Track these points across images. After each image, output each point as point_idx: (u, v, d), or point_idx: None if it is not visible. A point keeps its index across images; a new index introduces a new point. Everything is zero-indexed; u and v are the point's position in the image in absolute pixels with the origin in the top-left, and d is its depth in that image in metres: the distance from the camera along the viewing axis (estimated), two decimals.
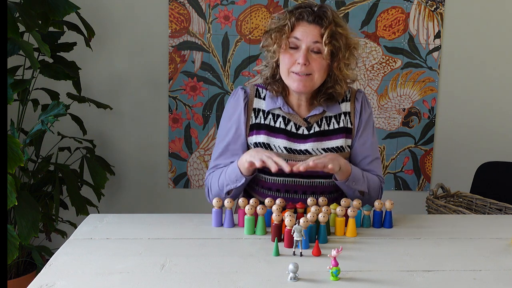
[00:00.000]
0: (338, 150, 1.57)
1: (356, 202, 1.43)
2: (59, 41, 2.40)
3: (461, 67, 2.85)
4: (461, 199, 2.32)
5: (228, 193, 1.55)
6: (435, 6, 2.77)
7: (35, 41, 2.05)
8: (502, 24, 2.84)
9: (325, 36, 1.46)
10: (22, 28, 2.31)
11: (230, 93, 2.74)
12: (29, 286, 1.05)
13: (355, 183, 1.52)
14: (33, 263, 2.36)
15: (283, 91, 1.58)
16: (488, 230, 1.47)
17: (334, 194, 1.62)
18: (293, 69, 1.49)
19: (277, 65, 1.55)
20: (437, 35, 2.79)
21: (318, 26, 1.47)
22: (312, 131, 1.57)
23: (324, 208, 1.35)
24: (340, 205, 1.40)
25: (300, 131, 1.57)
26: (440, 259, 1.23)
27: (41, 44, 2.01)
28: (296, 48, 1.49)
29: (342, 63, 1.52)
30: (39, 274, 1.11)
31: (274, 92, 1.58)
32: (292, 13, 1.49)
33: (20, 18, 2.05)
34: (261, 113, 1.60)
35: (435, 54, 2.80)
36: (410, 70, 2.81)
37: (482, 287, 1.09)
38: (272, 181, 1.58)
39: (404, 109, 2.84)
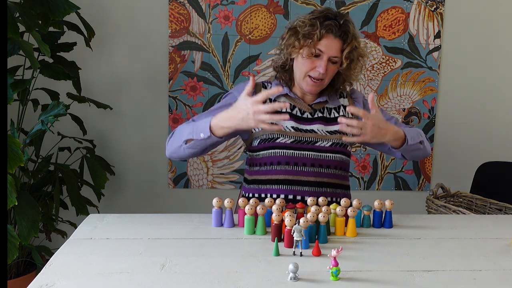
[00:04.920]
0: (342, 132, 1.64)
1: (356, 202, 1.43)
2: (59, 41, 2.40)
3: (461, 67, 2.85)
4: (461, 199, 2.32)
5: (186, 142, 1.56)
6: (435, 6, 2.77)
7: (35, 41, 2.05)
8: (502, 24, 2.84)
9: (346, 51, 1.59)
10: (22, 28, 2.31)
11: None
12: (29, 286, 1.05)
13: (412, 138, 1.60)
14: (33, 263, 2.36)
15: (289, 80, 1.70)
16: (488, 230, 1.47)
17: (338, 190, 1.66)
18: (310, 74, 1.61)
19: (291, 59, 1.65)
20: (437, 35, 2.79)
21: (342, 41, 1.59)
22: (316, 116, 1.68)
23: (324, 208, 1.35)
24: (340, 205, 1.40)
25: (304, 116, 1.67)
26: (440, 259, 1.23)
27: (41, 44, 2.01)
28: (317, 56, 1.59)
29: (352, 71, 1.67)
30: (39, 274, 1.10)
31: (282, 80, 1.71)
32: (322, 24, 1.57)
33: (20, 18, 2.05)
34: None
35: (435, 54, 2.80)
36: (410, 70, 2.81)
37: (482, 287, 1.09)
38: (276, 172, 1.63)
39: (404, 109, 2.84)
